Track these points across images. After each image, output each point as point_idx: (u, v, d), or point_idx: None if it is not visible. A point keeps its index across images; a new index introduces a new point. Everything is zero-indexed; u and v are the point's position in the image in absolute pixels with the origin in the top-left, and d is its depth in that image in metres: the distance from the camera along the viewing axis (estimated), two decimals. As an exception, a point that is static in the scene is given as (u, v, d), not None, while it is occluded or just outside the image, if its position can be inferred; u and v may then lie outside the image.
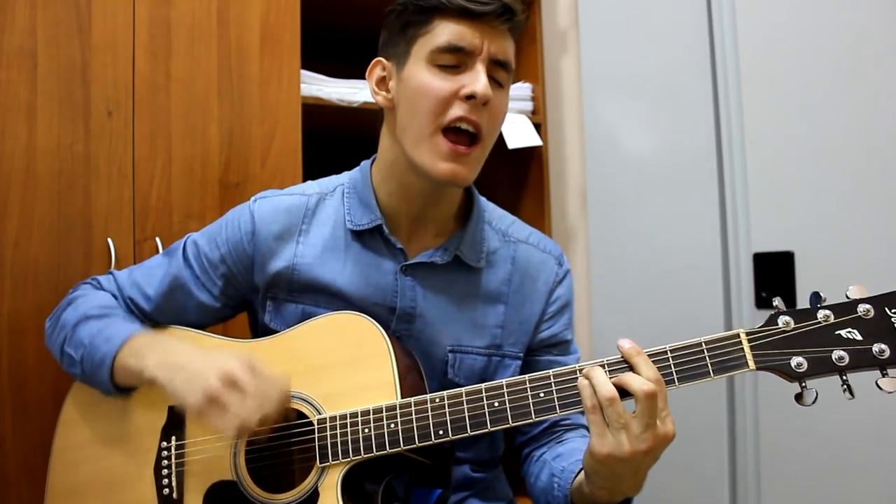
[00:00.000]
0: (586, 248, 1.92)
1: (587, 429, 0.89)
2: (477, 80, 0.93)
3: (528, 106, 1.89)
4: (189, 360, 0.91)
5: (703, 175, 1.56)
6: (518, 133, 1.80)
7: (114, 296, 1.08)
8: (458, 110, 0.93)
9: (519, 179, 1.94)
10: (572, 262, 2.00)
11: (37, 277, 1.27)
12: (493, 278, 1.06)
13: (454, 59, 0.94)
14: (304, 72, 1.53)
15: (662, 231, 1.67)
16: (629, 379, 0.80)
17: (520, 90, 1.88)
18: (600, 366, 0.83)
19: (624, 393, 0.80)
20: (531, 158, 1.89)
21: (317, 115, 1.56)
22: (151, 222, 1.36)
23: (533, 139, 1.81)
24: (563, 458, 1.00)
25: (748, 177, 1.49)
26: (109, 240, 1.32)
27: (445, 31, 0.94)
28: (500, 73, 0.97)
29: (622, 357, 0.83)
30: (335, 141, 1.60)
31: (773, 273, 1.43)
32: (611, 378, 0.81)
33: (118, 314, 1.03)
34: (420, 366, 0.99)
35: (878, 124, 1.30)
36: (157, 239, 1.36)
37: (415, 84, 0.95)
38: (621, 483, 0.83)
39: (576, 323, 2.07)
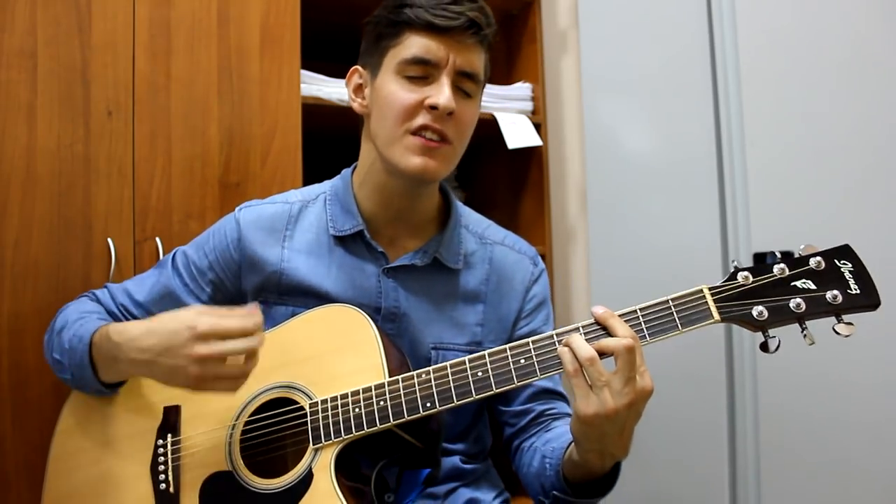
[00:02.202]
0: (586, 248, 1.92)
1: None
2: (440, 93, 0.98)
3: (528, 106, 1.88)
4: (156, 351, 0.90)
5: (703, 175, 1.56)
6: (518, 133, 1.79)
7: (107, 306, 1.10)
8: (423, 119, 0.99)
9: (519, 179, 1.94)
10: (572, 262, 2.00)
11: (37, 278, 1.27)
12: (472, 279, 1.11)
13: (421, 71, 0.99)
14: (304, 72, 1.53)
15: (662, 231, 1.67)
16: (606, 341, 0.84)
17: (520, 90, 1.88)
18: (576, 329, 0.87)
19: (601, 355, 0.83)
20: (531, 158, 1.89)
21: (317, 115, 1.56)
22: (151, 222, 1.36)
23: (533, 139, 1.81)
24: (553, 441, 1.02)
25: (748, 177, 1.49)
26: (109, 240, 1.32)
27: (414, 45, 0.99)
28: (466, 83, 1.01)
29: (596, 321, 0.87)
30: (335, 141, 1.60)
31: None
32: (588, 342, 0.85)
33: (94, 316, 1.05)
34: (407, 358, 1.01)
35: (878, 124, 1.30)
36: (157, 239, 1.36)
37: (385, 93, 1.01)
38: (609, 443, 0.85)
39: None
